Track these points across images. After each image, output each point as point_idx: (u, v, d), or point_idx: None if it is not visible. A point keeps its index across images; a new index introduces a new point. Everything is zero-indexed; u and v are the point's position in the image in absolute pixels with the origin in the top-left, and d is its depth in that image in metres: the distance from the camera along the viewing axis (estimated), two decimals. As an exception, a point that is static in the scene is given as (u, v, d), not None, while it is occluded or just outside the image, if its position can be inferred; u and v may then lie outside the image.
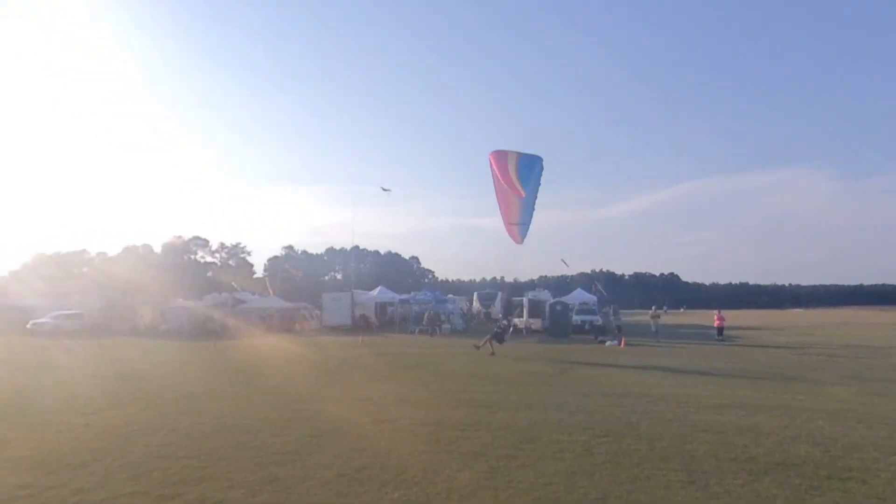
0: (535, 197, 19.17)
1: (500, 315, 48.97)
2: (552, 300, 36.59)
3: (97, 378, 15.14)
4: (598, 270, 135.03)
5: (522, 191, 18.00)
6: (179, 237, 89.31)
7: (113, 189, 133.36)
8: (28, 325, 34.66)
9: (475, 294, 52.62)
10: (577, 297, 43.58)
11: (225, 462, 6.78)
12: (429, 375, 14.83)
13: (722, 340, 27.97)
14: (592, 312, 36.39)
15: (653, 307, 35.24)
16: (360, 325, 37.03)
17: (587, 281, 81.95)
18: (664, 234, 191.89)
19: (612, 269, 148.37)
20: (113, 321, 38.77)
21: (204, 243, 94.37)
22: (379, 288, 43.95)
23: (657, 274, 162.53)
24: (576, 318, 34.05)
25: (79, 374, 16.08)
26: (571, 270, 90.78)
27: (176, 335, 34.16)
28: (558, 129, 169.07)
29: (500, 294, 51.70)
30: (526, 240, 20.45)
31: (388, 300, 42.82)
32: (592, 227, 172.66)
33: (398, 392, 11.99)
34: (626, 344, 24.52)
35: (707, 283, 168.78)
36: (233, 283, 48.19)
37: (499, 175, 18.30)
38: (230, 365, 18.09)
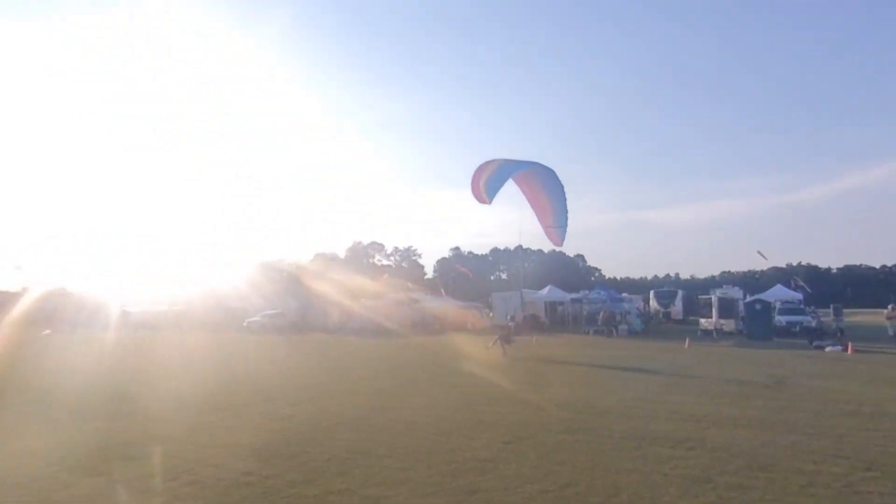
0: (565, 199, 19.65)
1: (681, 315, 45.03)
2: (748, 298, 32.26)
3: (298, 370, 16.66)
4: (796, 264, 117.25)
5: (487, 198, 18.55)
6: (359, 243, 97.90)
7: (306, 200, 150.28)
8: (244, 324, 40.40)
9: (652, 292, 48.99)
10: (777, 294, 37.97)
11: (423, 465, 6.63)
12: (616, 380, 13.70)
13: None
14: (801, 312, 31.30)
15: (889, 306, 29.11)
16: (530, 324, 36.48)
17: (783, 276, 71.48)
18: (885, 217, 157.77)
19: (814, 262, 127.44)
20: (307, 320, 43.40)
21: (380, 247, 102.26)
22: (548, 287, 42.95)
23: (877, 266, 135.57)
24: (779, 319, 29.53)
25: (283, 366, 17.88)
26: (764, 264, 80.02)
27: (360, 332, 36.94)
28: (731, 104, 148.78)
29: (680, 292, 47.43)
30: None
31: (557, 299, 41.66)
32: (786, 215, 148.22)
33: (587, 397, 11.14)
34: (854, 350, 20.42)
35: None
36: (408, 284, 51.07)
37: (471, 184, 18.99)
38: (413, 361, 18.74)
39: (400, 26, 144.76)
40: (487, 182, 18.65)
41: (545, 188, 19.63)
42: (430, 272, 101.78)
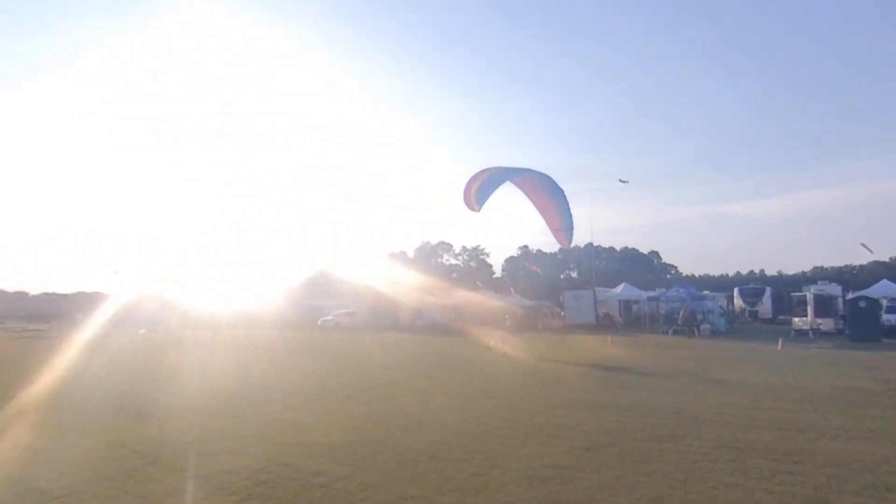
0: (567, 202, 20.37)
1: (770, 314, 41.99)
2: (849, 295, 29.46)
3: (369, 368, 16.74)
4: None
5: (476, 206, 19.12)
6: (428, 242, 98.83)
7: (376, 200, 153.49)
8: (318, 322, 41.76)
9: (736, 290, 45.99)
10: (883, 290, 34.33)
11: (498, 470, 6.28)
12: (702, 384, 12.71)
13: None
14: (915, 310, 28.17)
15: None
16: (604, 324, 35.21)
17: (886, 270, 65.00)
18: None
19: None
20: (378, 318, 44.18)
21: (448, 247, 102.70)
22: (623, 285, 41.31)
23: None
24: (888, 318, 26.67)
25: (355, 364, 18.06)
26: (863, 258, 73.14)
27: (430, 330, 37.10)
28: (819, 84, 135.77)
29: (768, 289, 44.27)
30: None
31: (633, 298, 39.97)
32: (888, 203, 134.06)
33: (672, 402, 10.35)
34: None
35: None
36: (477, 283, 50.83)
37: (463, 191, 19.51)
38: (483, 361, 18.42)
39: (471, 22, 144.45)
40: (479, 189, 19.15)
41: (546, 193, 20.35)
42: (498, 271, 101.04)
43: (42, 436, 8.40)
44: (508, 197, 21.23)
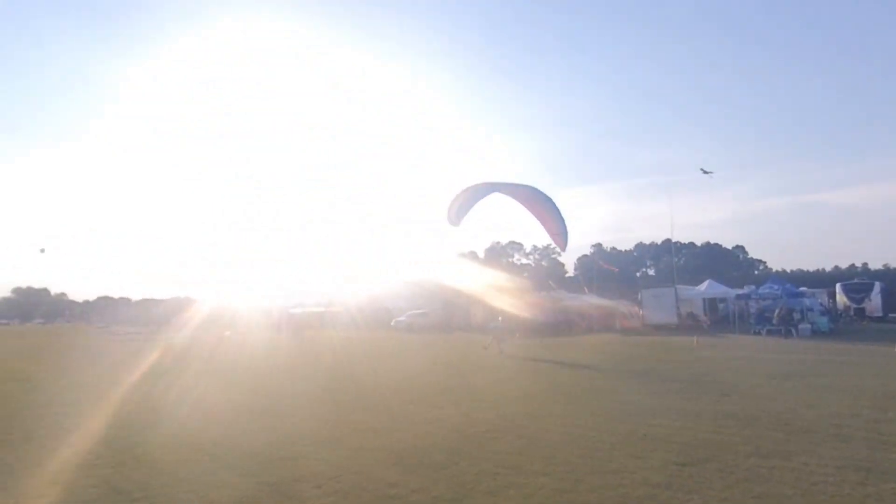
0: (558, 209, 21.09)
1: (879, 312, 37.98)
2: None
3: (442, 370, 16.48)
4: None
5: (457, 220, 19.91)
6: (498, 242, 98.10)
7: (443, 200, 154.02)
8: (392, 323, 42.29)
9: (839, 285, 41.95)
10: None
11: (585, 487, 5.71)
12: (809, 391, 11.39)
13: None
14: None
15: None
16: (688, 324, 33.16)
17: None
18: None
19: None
20: (451, 318, 44.10)
21: (519, 247, 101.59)
22: (707, 282, 38.80)
23: None
24: None
25: (427, 366, 17.86)
26: None
27: (504, 331, 36.39)
28: None
29: (878, 285, 40.07)
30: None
31: (719, 295, 37.39)
32: None
33: (776, 411, 9.28)
34: None
35: None
36: (549, 283, 49.58)
37: (449, 205, 20.21)
38: (559, 362, 17.70)
39: (534, 19, 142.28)
40: (461, 205, 19.70)
41: (535, 201, 20.97)
42: (570, 270, 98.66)
43: (127, 435, 8.66)
44: (578, 199, 21.83)
